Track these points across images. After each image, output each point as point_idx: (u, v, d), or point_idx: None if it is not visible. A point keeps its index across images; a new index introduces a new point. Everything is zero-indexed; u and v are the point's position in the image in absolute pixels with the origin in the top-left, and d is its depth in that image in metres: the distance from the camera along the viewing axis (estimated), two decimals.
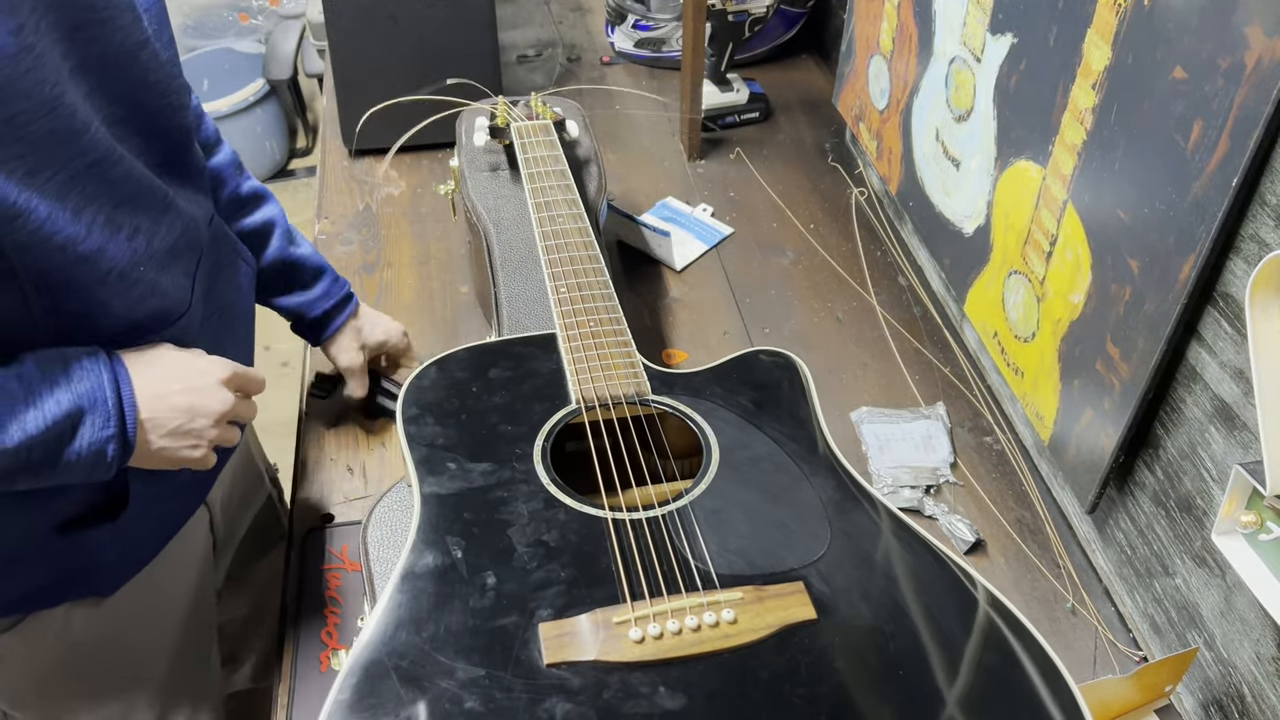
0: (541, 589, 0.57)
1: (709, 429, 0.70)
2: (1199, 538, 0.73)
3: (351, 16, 1.28)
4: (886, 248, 1.25)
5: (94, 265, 0.61)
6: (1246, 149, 0.60)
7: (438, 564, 0.58)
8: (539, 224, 0.89)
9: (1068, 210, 0.82)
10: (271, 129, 2.81)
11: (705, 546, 0.61)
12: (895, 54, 1.16)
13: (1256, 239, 0.63)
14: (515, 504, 0.63)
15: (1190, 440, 0.73)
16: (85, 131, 0.59)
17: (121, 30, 0.63)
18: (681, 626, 0.55)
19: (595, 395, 0.72)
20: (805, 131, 1.50)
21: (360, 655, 0.53)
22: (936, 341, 1.11)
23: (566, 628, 0.55)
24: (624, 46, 1.66)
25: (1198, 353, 0.70)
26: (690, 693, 0.51)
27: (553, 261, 0.85)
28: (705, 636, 0.55)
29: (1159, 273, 0.70)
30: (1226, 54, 0.62)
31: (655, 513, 0.63)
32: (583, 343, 0.77)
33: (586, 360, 0.76)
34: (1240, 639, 0.70)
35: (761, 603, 0.57)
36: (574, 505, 0.63)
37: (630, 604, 0.56)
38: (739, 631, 0.55)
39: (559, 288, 0.82)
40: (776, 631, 0.55)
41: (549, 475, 0.65)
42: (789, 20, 1.65)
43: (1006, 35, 0.89)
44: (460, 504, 0.63)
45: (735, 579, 0.59)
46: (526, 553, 0.59)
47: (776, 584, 0.58)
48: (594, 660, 0.53)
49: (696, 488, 0.65)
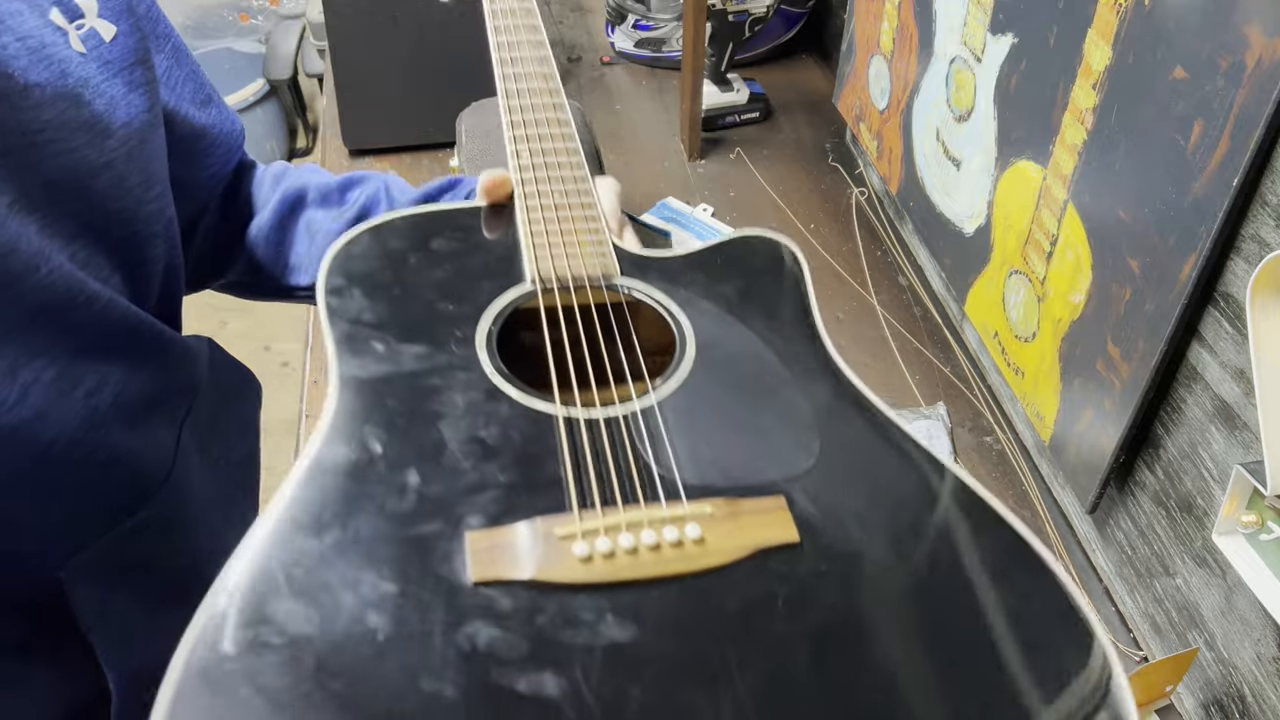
0: (474, 493, 0.47)
1: (685, 320, 0.60)
2: (1199, 538, 0.73)
3: (352, 16, 1.28)
4: (887, 248, 1.25)
5: (27, 437, 0.48)
6: (1247, 149, 0.60)
7: (351, 458, 0.49)
8: (502, 78, 0.78)
9: (1068, 210, 0.82)
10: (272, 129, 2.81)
11: (672, 452, 0.51)
12: (896, 54, 1.16)
13: (1257, 239, 0.63)
14: (450, 394, 0.53)
15: (1191, 440, 0.73)
16: (31, 273, 0.49)
17: (70, 153, 0.52)
18: (637, 544, 0.45)
19: (555, 274, 0.61)
20: (805, 131, 1.50)
21: (247, 561, 0.43)
22: (937, 341, 1.11)
23: (499, 538, 0.45)
24: (624, 46, 1.66)
25: (1198, 353, 0.70)
26: (642, 622, 0.42)
27: (515, 124, 0.74)
28: (665, 557, 0.45)
29: (1159, 273, 0.70)
30: (1227, 54, 0.62)
31: (616, 411, 0.53)
32: (544, 214, 0.66)
33: (547, 234, 0.65)
34: (1241, 639, 0.70)
35: (735, 520, 0.47)
36: (520, 399, 0.53)
37: (578, 514, 0.46)
38: (706, 553, 0.45)
39: (520, 152, 0.71)
40: (751, 555, 0.45)
41: (493, 363, 0.55)
42: (789, 20, 1.65)
43: (1007, 35, 0.89)
44: (384, 390, 0.53)
45: (705, 490, 0.49)
46: (459, 450, 0.50)
47: (754, 497, 0.48)
48: (530, 579, 0.43)
49: (666, 385, 0.55)
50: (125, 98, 0.57)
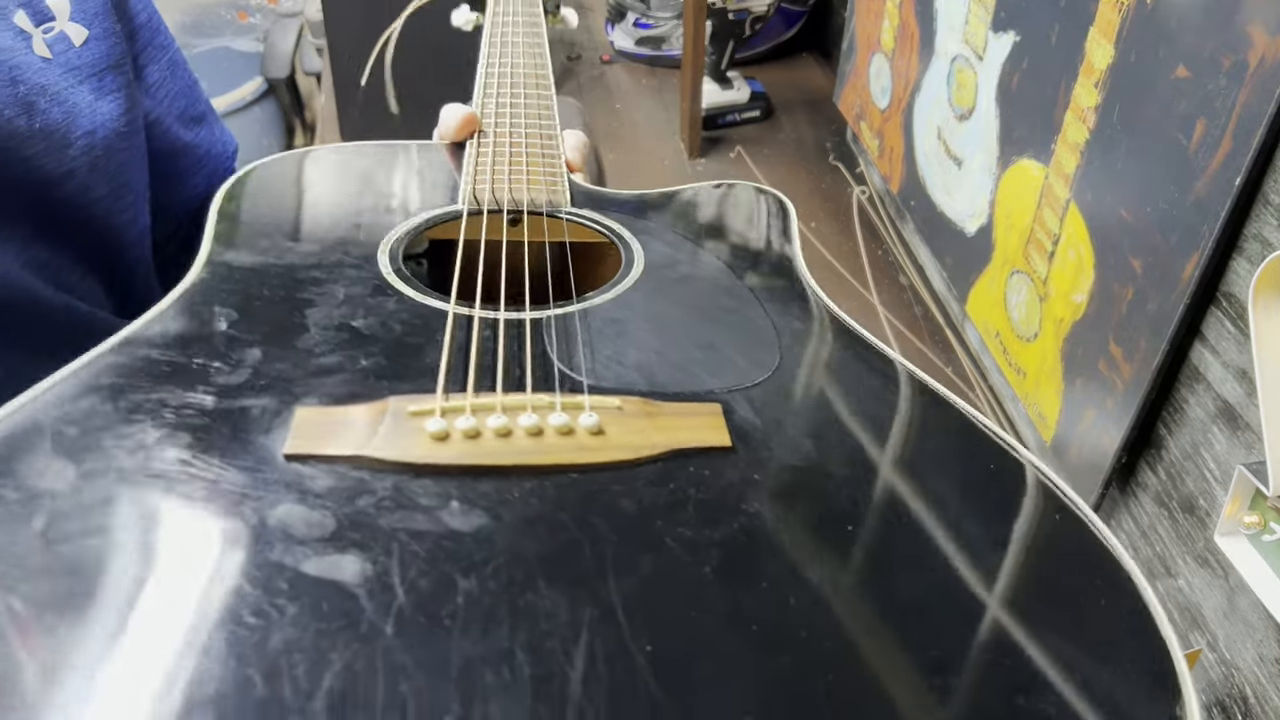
0: (324, 375, 0.42)
1: (636, 245, 0.54)
2: (1202, 539, 0.73)
3: (350, 15, 1.28)
4: (888, 247, 1.25)
5: None
6: (1249, 148, 0.60)
7: (183, 331, 0.43)
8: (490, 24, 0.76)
9: (1070, 209, 0.81)
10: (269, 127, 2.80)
11: (589, 356, 0.44)
12: (897, 52, 1.16)
13: (1260, 238, 0.63)
14: (331, 285, 0.48)
15: (1193, 441, 0.72)
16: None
17: (23, 162, 0.51)
18: (512, 427, 0.38)
19: (494, 198, 0.55)
20: (806, 130, 1.50)
21: (12, 412, 0.39)
22: (938, 341, 1.11)
23: (335, 415, 0.39)
24: (624, 45, 1.65)
25: (1201, 353, 0.70)
26: (497, 514, 0.35)
27: (490, 66, 0.71)
28: (549, 445, 0.38)
29: (1162, 272, 0.70)
30: (1229, 53, 0.61)
31: (525, 315, 0.46)
32: (495, 145, 0.61)
33: (493, 160, 0.59)
34: (1243, 640, 0.70)
35: (650, 418, 0.40)
36: (413, 296, 0.47)
37: (442, 394, 0.40)
38: (604, 446, 0.38)
39: (488, 89, 0.68)
40: (664, 454, 0.38)
41: (393, 265, 0.50)
42: (790, 18, 1.64)
43: (1009, 33, 0.88)
44: (255, 278, 0.48)
45: (621, 391, 0.42)
46: (322, 335, 0.44)
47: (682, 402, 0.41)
48: (355, 455, 0.37)
49: (598, 296, 0.49)
50: (91, 105, 0.55)
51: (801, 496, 0.38)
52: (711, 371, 0.44)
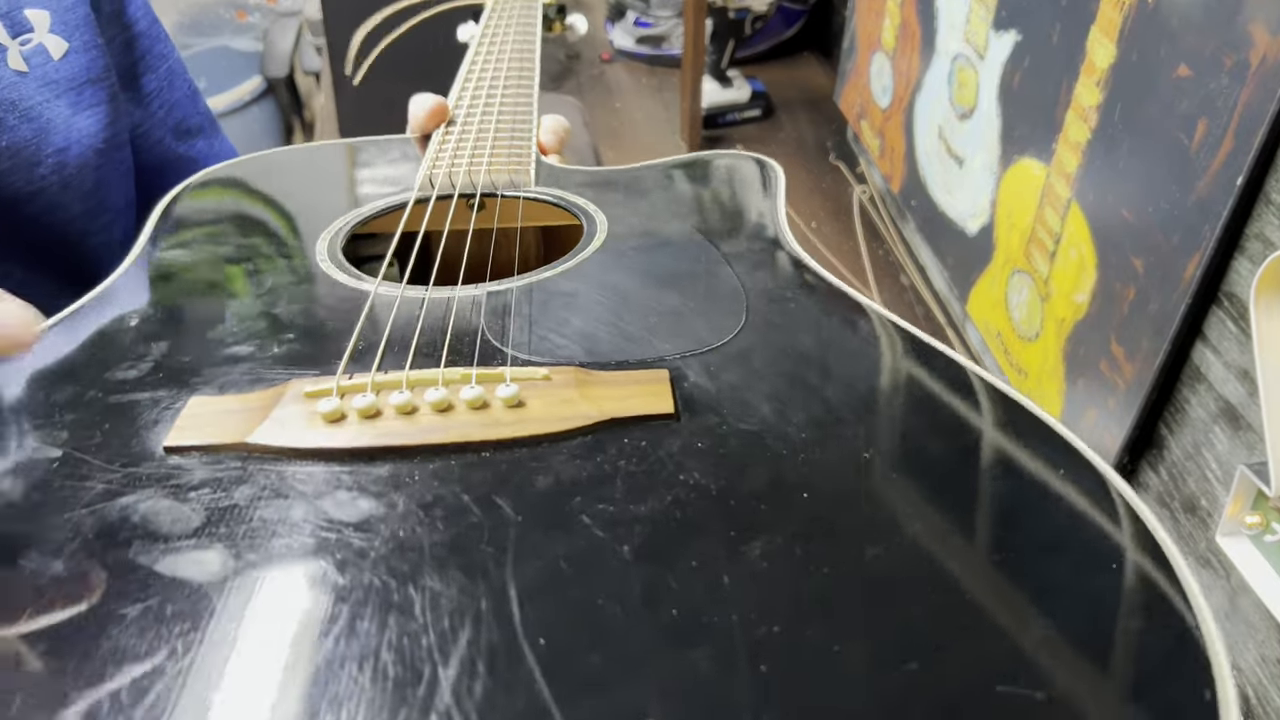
0: (232, 364, 0.40)
1: (601, 217, 0.51)
2: (1203, 539, 0.72)
3: (350, 14, 1.28)
4: (889, 246, 1.25)
5: None
6: (1251, 147, 0.60)
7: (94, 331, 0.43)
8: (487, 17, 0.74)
9: (1072, 209, 0.81)
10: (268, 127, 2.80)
11: (523, 329, 0.40)
12: (898, 51, 1.16)
13: (1261, 238, 0.63)
14: (258, 277, 0.46)
15: (1195, 441, 0.72)
16: None
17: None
18: (418, 404, 0.35)
19: (449, 183, 0.53)
20: (807, 129, 1.49)
21: None
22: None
23: (227, 404, 0.36)
24: (624, 44, 1.65)
25: (1202, 353, 0.70)
26: (389, 500, 0.31)
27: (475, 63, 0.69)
28: (458, 422, 0.34)
29: (1163, 272, 0.70)
30: (1231, 52, 0.61)
31: (453, 292, 0.43)
32: (461, 131, 0.58)
33: (456, 146, 0.56)
34: (1245, 641, 0.70)
35: (580, 387, 0.36)
36: (342, 280, 0.45)
37: (344, 375, 0.37)
38: (522, 419, 0.34)
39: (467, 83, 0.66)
40: (593, 426, 0.34)
41: (329, 251, 0.48)
42: (790, 17, 1.64)
43: (1010, 32, 0.88)
44: (177, 275, 0.47)
45: (554, 364, 0.38)
46: (239, 325, 0.43)
47: (626, 371, 0.38)
48: (236, 443, 0.34)
49: (547, 271, 0.45)
50: (67, 121, 0.53)
51: (754, 464, 0.32)
52: (666, 338, 0.40)
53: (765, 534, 0.29)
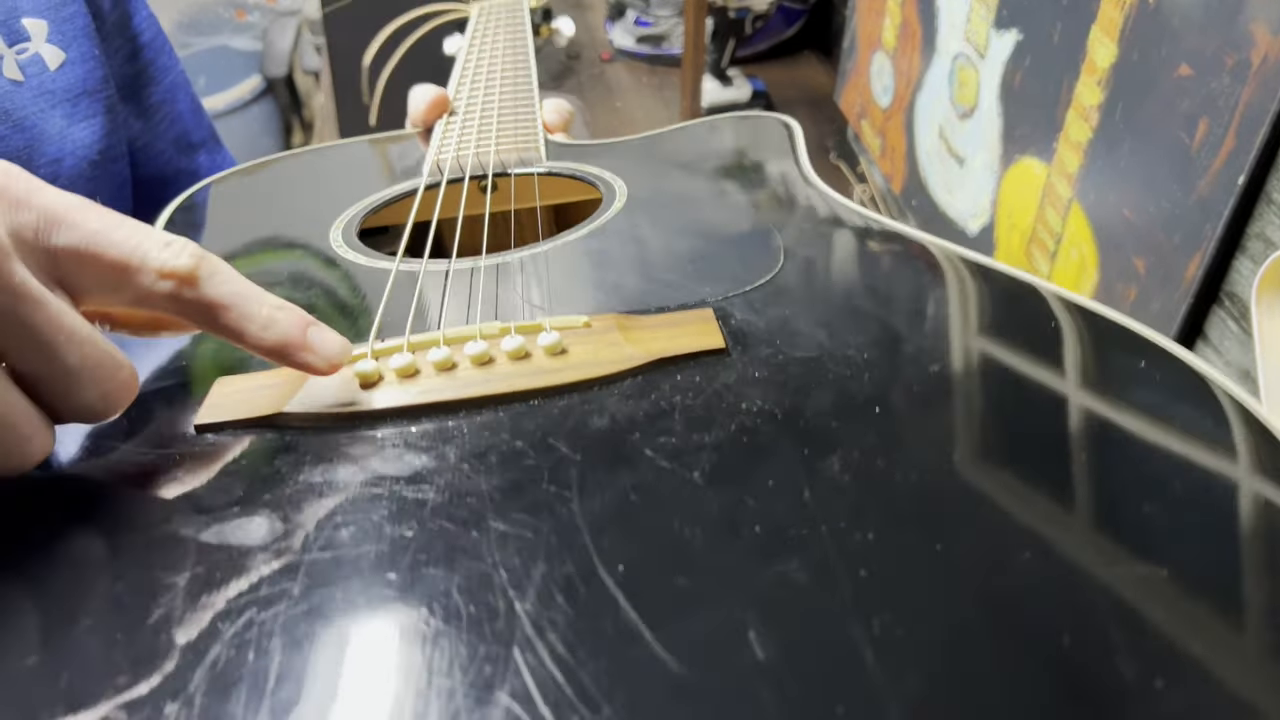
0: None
1: (619, 182, 0.50)
2: None
3: (350, 13, 1.28)
4: None
5: None
6: (1252, 147, 0.60)
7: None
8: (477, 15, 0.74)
9: (1073, 209, 0.81)
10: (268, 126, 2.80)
11: (553, 288, 0.40)
12: (899, 50, 1.16)
13: (1263, 238, 0.63)
14: (272, 266, 0.46)
15: None
16: None
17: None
18: (455, 360, 0.34)
19: (457, 167, 0.52)
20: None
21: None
22: None
23: (260, 380, 0.35)
24: (624, 43, 1.65)
25: (1204, 352, 0.70)
26: (440, 454, 0.30)
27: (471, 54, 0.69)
28: (501, 373, 0.33)
29: (1164, 272, 0.70)
30: (1232, 51, 0.61)
31: (480, 262, 0.42)
32: (464, 119, 0.58)
33: (461, 132, 0.56)
34: None
35: (625, 331, 0.35)
36: (359, 261, 0.44)
37: (375, 340, 0.36)
38: (568, 365, 0.33)
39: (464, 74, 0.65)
40: (641, 366, 0.33)
41: (343, 238, 0.47)
42: (791, 17, 1.64)
43: (1011, 31, 0.88)
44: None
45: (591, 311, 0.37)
46: None
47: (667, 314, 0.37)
48: (273, 414, 0.33)
49: (571, 234, 0.44)
50: (61, 132, 0.52)
51: (818, 387, 0.32)
52: (705, 282, 0.39)
53: (842, 448, 0.29)
